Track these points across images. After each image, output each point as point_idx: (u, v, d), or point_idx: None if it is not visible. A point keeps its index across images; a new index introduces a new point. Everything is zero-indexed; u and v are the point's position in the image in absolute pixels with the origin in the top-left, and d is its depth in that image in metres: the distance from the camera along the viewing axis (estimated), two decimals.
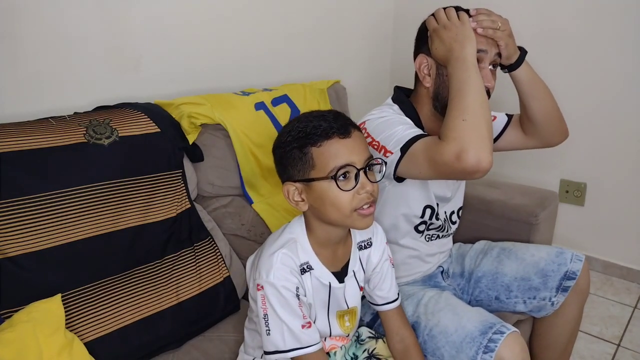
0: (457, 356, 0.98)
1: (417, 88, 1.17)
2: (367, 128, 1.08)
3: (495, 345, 0.94)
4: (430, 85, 1.11)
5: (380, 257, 1.02)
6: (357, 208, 0.86)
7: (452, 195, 1.22)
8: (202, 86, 1.58)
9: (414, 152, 0.99)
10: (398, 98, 1.18)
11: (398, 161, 1.01)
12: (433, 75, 1.11)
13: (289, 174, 0.88)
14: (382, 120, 1.08)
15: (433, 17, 1.09)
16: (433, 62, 1.10)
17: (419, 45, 1.14)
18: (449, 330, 1.01)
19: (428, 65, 1.11)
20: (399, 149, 1.00)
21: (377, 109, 1.15)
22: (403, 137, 1.02)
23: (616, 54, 1.93)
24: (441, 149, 0.93)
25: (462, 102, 0.95)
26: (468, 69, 0.98)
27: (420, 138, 1.00)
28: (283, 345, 0.86)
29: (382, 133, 1.05)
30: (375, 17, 2.34)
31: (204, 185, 1.36)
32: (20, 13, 1.18)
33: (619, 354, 1.71)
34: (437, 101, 1.11)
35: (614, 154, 2.03)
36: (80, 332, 0.98)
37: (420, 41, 1.14)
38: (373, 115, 1.12)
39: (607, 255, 2.16)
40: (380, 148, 1.04)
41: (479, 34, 1.04)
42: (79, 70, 1.31)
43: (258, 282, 0.87)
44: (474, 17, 1.05)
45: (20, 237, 0.96)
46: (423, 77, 1.12)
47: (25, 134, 1.01)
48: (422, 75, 1.12)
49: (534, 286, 1.20)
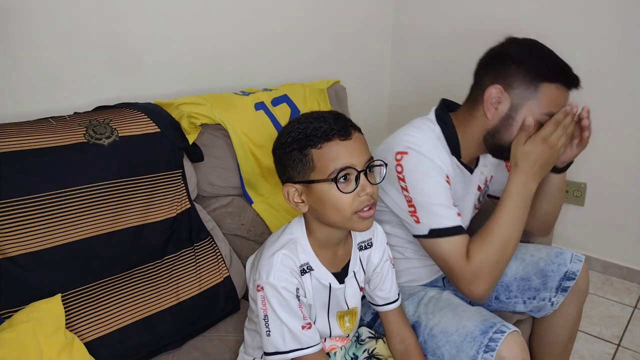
0: (457, 355, 0.98)
1: (472, 111, 1.08)
2: (404, 167, 1.02)
3: (495, 345, 0.94)
4: (493, 119, 1.04)
5: (381, 258, 1.02)
6: (357, 210, 0.85)
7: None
8: (202, 86, 1.58)
9: (438, 245, 1.01)
10: (443, 119, 1.10)
11: (421, 235, 1.03)
12: (501, 114, 1.02)
13: (289, 175, 0.88)
14: (422, 177, 1.02)
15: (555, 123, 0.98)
16: (508, 99, 1.01)
17: (497, 72, 1.03)
18: (450, 329, 1.01)
19: (501, 100, 1.02)
20: (428, 229, 1.01)
21: (418, 127, 1.08)
22: (439, 220, 1.00)
23: (616, 53, 1.93)
24: (460, 272, 0.98)
25: (505, 235, 0.98)
26: (525, 204, 1.00)
27: (452, 234, 1.00)
28: (283, 346, 0.86)
29: (419, 195, 1.01)
30: (375, 17, 2.34)
31: (204, 185, 1.36)
32: (20, 13, 1.18)
33: (619, 354, 1.71)
34: (492, 138, 1.05)
35: (614, 154, 2.03)
36: (80, 332, 0.98)
37: (500, 68, 1.03)
38: (413, 146, 1.03)
39: (607, 255, 2.16)
40: (411, 205, 1.02)
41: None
42: (79, 70, 1.31)
43: (258, 283, 0.87)
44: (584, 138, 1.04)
45: (20, 237, 0.96)
46: (489, 109, 1.03)
47: (25, 134, 1.01)
48: (489, 106, 1.03)
49: (533, 286, 1.20)
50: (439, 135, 1.08)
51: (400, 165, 1.03)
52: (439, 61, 2.35)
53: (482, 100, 1.04)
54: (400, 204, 1.05)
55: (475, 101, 1.07)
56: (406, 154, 1.03)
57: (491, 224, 1.01)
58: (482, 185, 1.22)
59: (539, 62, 1.01)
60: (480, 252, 0.99)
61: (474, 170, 1.16)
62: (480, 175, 1.20)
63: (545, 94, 1.00)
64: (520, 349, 0.95)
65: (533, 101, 1.00)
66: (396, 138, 1.08)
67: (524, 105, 1.01)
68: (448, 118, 1.10)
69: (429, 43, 2.38)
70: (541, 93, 1.00)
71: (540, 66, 1.00)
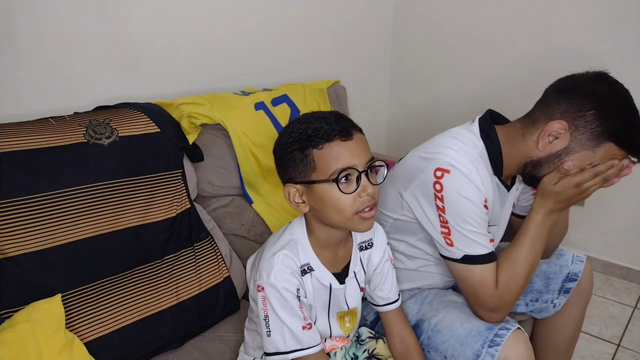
0: (461, 349, 0.98)
1: (525, 132, 1.00)
2: (445, 186, 0.96)
3: (501, 340, 0.94)
4: (542, 151, 0.97)
5: (381, 258, 1.02)
6: (358, 211, 0.85)
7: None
8: (202, 86, 1.58)
9: (470, 271, 0.99)
10: (488, 134, 1.03)
11: (452, 259, 1.01)
12: (552, 150, 0.96)
13: (289, 175, 0.88)
14: (462, 200, 0.96)
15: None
16: (567, 140, 0.93)
17: (573, 110, 0.93)
18: (455, 324, 1.01)
19: (560, 137, 0.94)
20: (463, 254, 0.99)
21: (461, 141, 1.01)
22: (474, 247, 0.98)
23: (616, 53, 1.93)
24: (487, 299, 0.98)
25: (530, 266, 0.99)
26: (548, 235, 1.00)
27: (485, 262, 0.98)
28: (284, 346, 0.86)
29: (457, 219, 0.97)
30: (375, 17, 2.34)
31: (204, 185, 1.36)
32: (20, 13, 1.18)
33: (619, 354, 1.71)
34: (532, 168, 1.00)
35: None
36: (80, 332, 0.98)
37: (578, 107, 0.92)
38: (455, 164, 0.97)
39: (607, 255, 2.16)
40: (445, 227, 0.99)
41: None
42: (79, 70, 1.31)
43: (259, 283, 0.87)
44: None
45: (20, 237, 0.96)
46: (544, 139, 0.96)
47: (25, 134, 1.01)
48: (545, 137, 0.95)
49: (536, 288, 1.20)
50: (482, 152, 1.02)
51: (439, 184, 0.97)
52: (439, 61, 2.35)
53: (542, 128, 0.96)
54: (434, 222, 1.01)
55: (534, 124, 0.99)
56: (448, 172, 0.96)
57: (517, 254, 0.99)
58: (516, 201, 1.19)
59: (620, 123, 0.92)
60: (509, 283, 0.98)
61: (510, 188, 1.11)
62: (515, 191, 1.15)
63: (606, 152, 0.93)
64: (524, 347, 0.95)
65: (589, 152, 0.93)
66: (436, 149, 1.02)
67: (578, 153, 0.94)
68: (494, 133, 1.03)
69: (429, 43, 2.38)
70: (602, 149, 0.93)
71: (619, 128, 0.92)
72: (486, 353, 0.94)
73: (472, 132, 1.04)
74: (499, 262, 1.00)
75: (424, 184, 1.00)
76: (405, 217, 1.08)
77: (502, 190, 1.08)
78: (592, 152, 0.94)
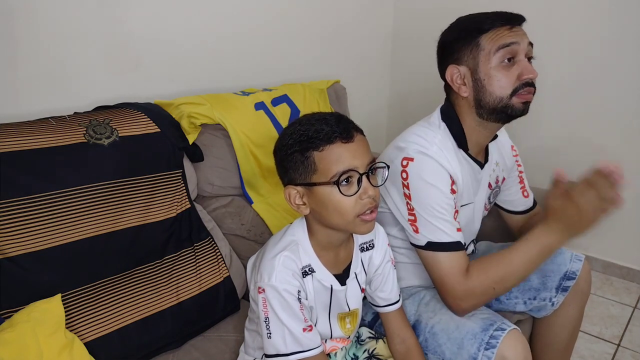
0: (458, 352, 0.98)
1: (455, 100, 1.11)
2: (410, 174, 1.02)
3: (496, 342, 0.94)
4: (469, 93, 1.06)
5: (382, 259, 1.02)
6: (359, 214, 0.85)
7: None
8: (202, 86, 1.58)
9: (435, 258, 1.01)
10: (447, 114, 1.11)
11: (418, 246, 1.03)
12: (470, 83, 1.05)
13: (290, 177, 0.88)
14: (426, 186, 1.01)
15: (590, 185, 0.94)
16: (466, 69, 1.05)
17: (444, 58, 1.09)
18: (451, 327, 1.01)
19: (460, 74, 1.06)
20: (426, 241, 1.01)
21: (425, 126, 1.10)
22: (438, 234, 1.00)
23: (617, 53, 1.93)
24: (454, 287, 0.99)
25: (511, 269, 0.98)
26: (542, 252, 0.97)
27: (450, 250, 1.00)
28: (284, 348, 0.86)
29: (421, 205, 1.01)
30: (375, 16, 2.34)
31: (204, 185, 1.36)
32: (20, 13, 1.18)
33: (619, 354, 1.71)
34: (481, 108, 1.05)
35: (614, 154, 2.02)
36: (80, 332, 0.98)
37: (444, 53, 1.10)
38: (420, 148, 1.03)
39: (607, 255, 2.16)
40: (411, 214, 1.03)
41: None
42: (79, 70, 1.31)
43: (259, 285, 0.87)
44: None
45: (20, 237, 0.96)
46: (459, 88, 1.06)
47: (25, 134, 1.01)
48: (457, 85, 1.06)
49: (533, 286, 1.20)
50: (444, 131, 1.09)
51: (405, 172, 1.03)
52: None
53: (451, 87, 1.08)
54: (402, 210, 1.05)
55: (449, 91, 1.11)
56: (412, 160, 1.03)
57: (503, 254, 1.00)
58: (493, 183, 1.22)
59: (465, 26, 1.06)
60: (481, 274, 0.98)
61: (484, 165, 1.16)
62: (491, 172, 1.20)
63: (488, 42, 1.01)
64: (522, 348, 0.95)
65: (482, 54, 1.02)
66: (404, 137, 1.09)
67: (479, 63, 1.02)
68: (452, 111, 1.10)
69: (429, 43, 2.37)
70: (484, 44, 1.02)
71: (468, 27, 1.04)
72: (483, 356, 0.94)
73: (434, 117, 1.12)
74: (480, 257, 1.02)
75: (393, 174, 1.04)
76: (383, 209, 1.10)
77: (475, 167, 1.13)
78: (484, 51, 1.02)
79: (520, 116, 1.05)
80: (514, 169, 1.28)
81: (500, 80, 1.01)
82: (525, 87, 1.01)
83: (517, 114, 1.04)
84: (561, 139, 2.10)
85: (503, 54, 1.00)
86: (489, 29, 1.02)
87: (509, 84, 1.01)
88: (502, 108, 1.03)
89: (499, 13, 1.04)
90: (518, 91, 1.01)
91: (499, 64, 1.01)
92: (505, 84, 1.01)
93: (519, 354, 0.94)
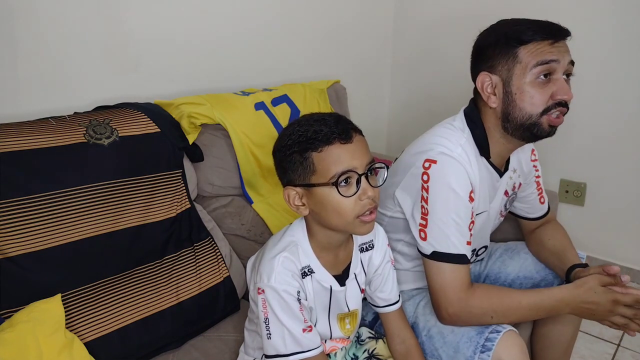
0: (454, 356, 0.98)
1: (482, 107, 1.06)
2: (431, 177, 0.99)
3: (492, 344, 0.94)
4: (497, 105, 1.02)
5: (382, 259, 1.02)
6: (359, 215, 0.85)
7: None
8: (202, 86, 1.58)
9: (440, 268, 0.99)
10: (472, 118, 1.07)
11: (424, 255, 1.01)
12: (500, 95, 1.01)
13: (289, 178, 0.87)
14: (446, 191, 0.98)
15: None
16: (498, 79, 1.00)
17: (478, 63, 1.05)
18: (446, 330, 1.01)
19: (492, 83, 1.01)
20: (432, 250, 0.99)
21: (449, 129, 1.06)
22: (446, 244, 0.98)
23: (617, 52, 1.93)
24: (454, 299, 0.97)
25: (515, 307, 0.97)
26: (551, 310, 0.98)
27: (455, 262, 0.98)
28: (284, 349, 0.86)
29: (437, 211, 0.98)
30: (375, 17, 2.34)
31: (204, 185, 1.36)
32: (20, 13, 1.18)
33: (619, 354, 1.71)
34: (507, 122, 1.01)
35: (614, 154, 2.03)
36: (80, 332, 0.98)
37: (478, 57, 1.05)
38: (444, 150, 1.00)
39: (607, 255, 2.16)
40: (424, 218, 1.00)
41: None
42: (79, 70, 1.31)
43: (259, 286, 0.87)
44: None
45: (20, 237, 0.96)
46: (488, 97, 1.02)
47: (25, 134, 1.01)
48: (487, 94, 1.02)
49: (535, 284, 1.20)
50: (468, 136, 1.05)
51: (427, 174, 0.99)
52: (440, 61, 2.35)
53: (480, 94, 1.04)
54: (415, 214, 1.02)
55: (477, 97, 1.07)
56: (435, 162, 0.99)
57: (514, 292, 1.00)
58: (510, 190, 1.18)
59: (504, 33, 1.00)
60: (484, 298, 0.97)
61: (503, 174, 1.12)
62: (509, 180, 1.16)
63: (526, 55, 0.97)
64: (518, 349, 0.95)
65: (517, 67, 0.98)
66: (426, 140, 1.06)
67: (513, 75, 0.98)
68: (477, 117, 1.06)
69: (429, 43, 2.37)
70: (522, 57, 0.97)
71: (507, 35, 0.99)
72: (479, 359, 0.93)
73: (458, 120, 1.08)
74: (492, 285, 1.02)
75: (413, 177, 1.02)
76: (398, 214, 1.09)
77: (494, 175, 1.10)
78: (520, 64, 0.97)
79: (546, 137, 1.02)
80: (532, 173, 1.24)
81: (533, 97, 0.97)
82: (558, 107, 0.98)
83: (543, 135, 1.00)
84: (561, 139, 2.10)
85: (540, 71, 0.96)
86: (529, 41, 0.97)
87: (541, 102, 0.97)
88: (530, 126, 0.99)
89: (543, 24, 0.99)
90: (549, 110, 0.98)
91: (534, 80, 0.97)
92: (538, 101, 0.97)
93: (515, 356, 0.94)
